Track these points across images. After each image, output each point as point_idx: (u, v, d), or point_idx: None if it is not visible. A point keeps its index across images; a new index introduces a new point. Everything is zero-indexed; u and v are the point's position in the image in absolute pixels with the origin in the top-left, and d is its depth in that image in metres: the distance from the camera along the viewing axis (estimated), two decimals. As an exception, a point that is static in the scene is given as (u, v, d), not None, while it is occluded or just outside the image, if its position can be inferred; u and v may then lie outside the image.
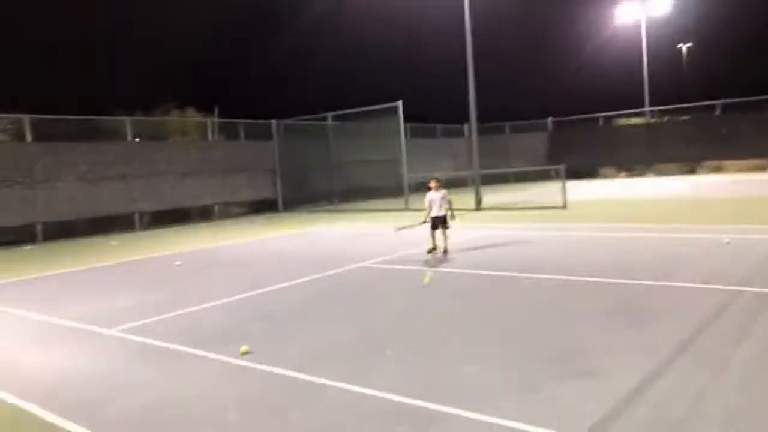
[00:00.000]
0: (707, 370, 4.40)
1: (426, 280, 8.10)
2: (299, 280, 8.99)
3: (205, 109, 25.39)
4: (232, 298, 8.04)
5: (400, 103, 21.34)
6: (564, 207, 17.38)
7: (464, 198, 21.90)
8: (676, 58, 49.81)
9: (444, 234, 10.53)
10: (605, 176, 34.35)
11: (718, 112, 31.86)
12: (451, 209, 10.68)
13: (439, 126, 34.22)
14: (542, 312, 6.45)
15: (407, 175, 22.20)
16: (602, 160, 34.73)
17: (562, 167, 19.11)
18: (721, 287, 6.81)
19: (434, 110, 34.85)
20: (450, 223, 10.69)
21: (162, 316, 7.26)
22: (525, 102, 42.80)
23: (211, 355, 5.54)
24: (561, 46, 53.28)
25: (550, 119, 36.91)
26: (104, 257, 13.37)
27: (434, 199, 10.51)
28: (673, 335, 5.23)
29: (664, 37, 43.04)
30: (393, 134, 22.12)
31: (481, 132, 22.25)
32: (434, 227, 10.50)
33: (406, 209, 19.98)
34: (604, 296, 6.92)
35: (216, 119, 24.52)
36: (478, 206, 19.57)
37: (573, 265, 8.95)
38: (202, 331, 6.55)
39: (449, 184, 32.15)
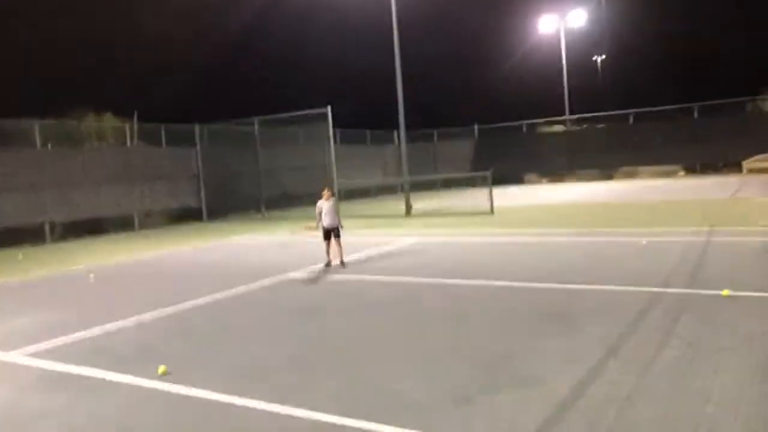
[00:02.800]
0: (633, 375, 4.44)
1: None
2: (222, 294, 8.57)
3: (124, 113, 24.09)
4: (150, 315, 7.53)
5: (329, 108, 21.05)
6: (491, 213, 17.69)
7: (394, 205, 21.93)
8: (592, 69, 52.35)
9: (338, 245, 10.16)
10: (529, 182, 35.46)
11: (631, 121, 33.64)
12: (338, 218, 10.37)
13: (369, 132, 34.22)
14: (472, 320, 6.40)
15: (338, 182, 21.96)
16: (526, 166, 35.84)
17: (488, 173, 19.48)
18: (643, 289, 7.02)
19: (364, 117, 34.78)
20: (340, 232, 10.31)
21: (71, 337, 6.68)
22: (451, 109, 43.59)
23: (126, 379, 5.10)
24: (485, 55, 54.76)
25: (476, 126, 37.74)
26: (8, 272, 12.33)
27: (325, 208, 10.19)
28: (601, 339, 5.29)
29: (581, 49, 45.11)
30: (322, 140, 21.83)
31: (410, 140, 22.37)
32: (326, 237, 10.15)
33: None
34: (534, 301, 6.96)
35: (135, 124, 23.34)
36: (408, 213, 19.61)
37: (501, 270, 9.02)
38: (115, 351, 6.06)
39: (380, 191, 32.30)
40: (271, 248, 14.04)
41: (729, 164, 29.67)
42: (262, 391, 4.58)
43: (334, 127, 21.63)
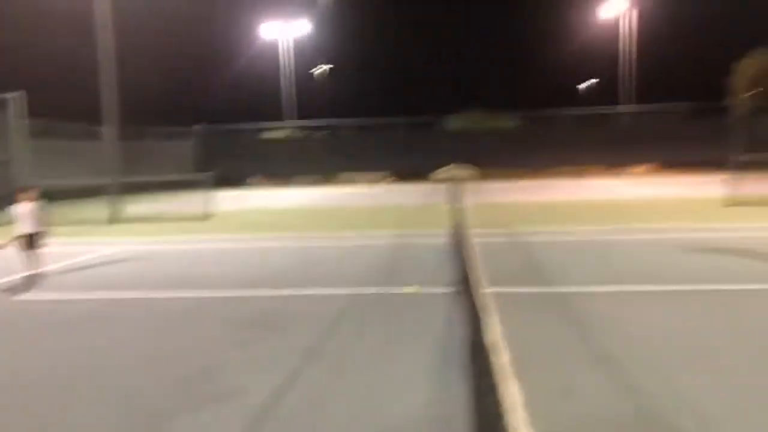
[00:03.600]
0: (330, 376, 4.67)
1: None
2: None
3: None
4: None
5: (11, 96, 17.93)
6: (209, 218, 17.15)
7: (100, 209, 19.70)
8: (319, 78, 55.12)
9: (37, 255, 8.90)
10: (253, 185, 35.60)
11: (348, 131, 36.45)
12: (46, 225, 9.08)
13: (70, 126, 30.16)
14: (171, 335, 6.01)
15: (27, 181, 18.81)
16: (250, 169, 35.96)
17: (208, 176, 18.88)
18: (345, 291, 7.50)
19: (66, 108, 30.48)
20: (43, 242, 9.06)
21: None
22: (171, 107, 41.26)
23: None
24: (212, 56, 53.27)
25: (199, 127, 36.43)
26: None
27: (22, 213, 8.87)
28: (302, 343, 5.46)
29: (308, 57, 47.11)
30: (2, 132, 18.44)
31: (124, 137, 20.40)
32: (26, 246, 8.84)
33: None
34: (239, 310, 6.87)
35: None
36: (115, 218, 17.82)
37: (210, 279, 8.73)
38: None
39: (84, 194, 28.76)
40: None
41: (425, 174, 34.24)
42: None
43: (28, 117, 18.53)
